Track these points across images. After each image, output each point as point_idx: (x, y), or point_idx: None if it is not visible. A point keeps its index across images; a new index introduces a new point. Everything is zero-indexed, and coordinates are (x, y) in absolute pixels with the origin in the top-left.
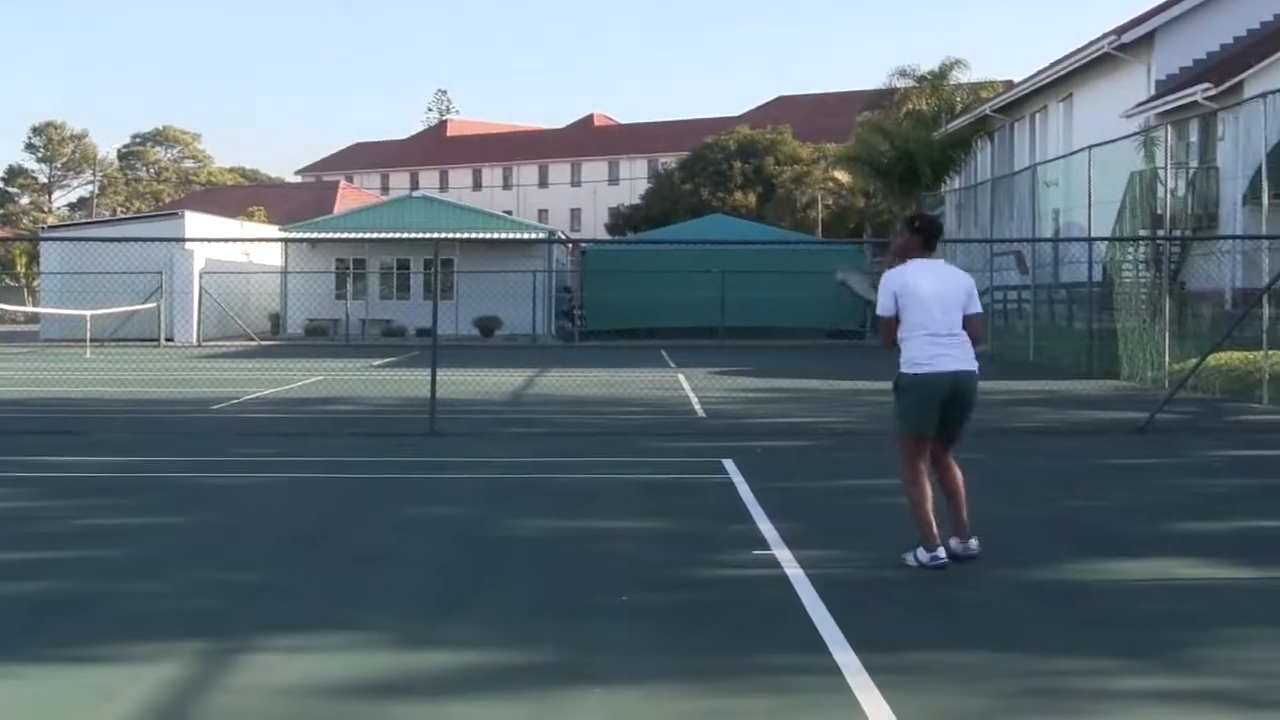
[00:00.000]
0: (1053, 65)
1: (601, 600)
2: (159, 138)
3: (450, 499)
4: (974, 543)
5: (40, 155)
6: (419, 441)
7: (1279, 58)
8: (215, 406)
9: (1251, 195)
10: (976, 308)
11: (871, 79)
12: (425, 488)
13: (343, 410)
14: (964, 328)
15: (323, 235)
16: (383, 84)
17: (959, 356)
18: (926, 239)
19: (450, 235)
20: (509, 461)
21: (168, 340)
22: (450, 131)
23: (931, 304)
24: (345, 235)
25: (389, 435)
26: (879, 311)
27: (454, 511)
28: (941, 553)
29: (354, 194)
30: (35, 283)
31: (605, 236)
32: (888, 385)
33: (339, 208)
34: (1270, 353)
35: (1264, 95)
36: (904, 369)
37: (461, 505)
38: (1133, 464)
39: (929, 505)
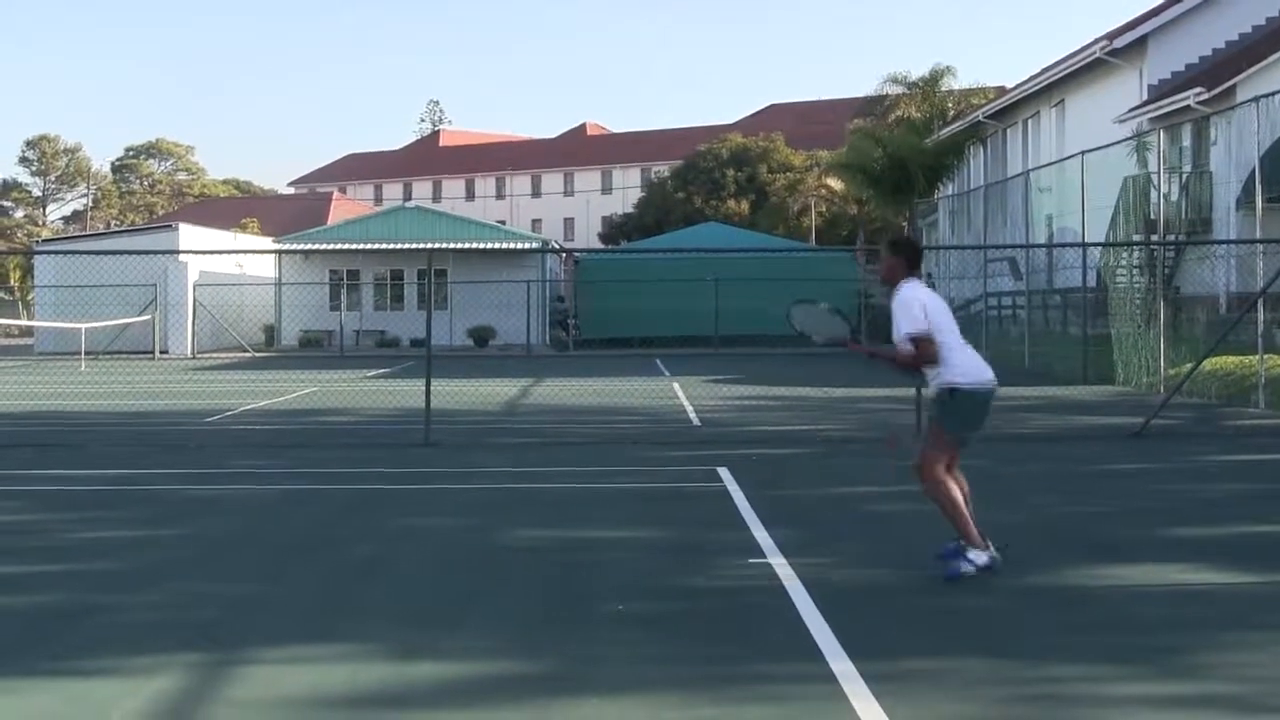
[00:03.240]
0: (1044, 71)
1: (597, 610)
2: (152, 150)
3: (445, 509)
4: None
5: (34, 169)
6: (414, 452)
7: (1272, 61)
8: (210, 419)
9: (1245, 199)
10: None
11: (862, 86)
12: (420, 498)
13: (337, 421)
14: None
15: (316, 246)
16: (375, 94)
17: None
18: (911, 260)
19: (444, 245)
20: (504, 471)
21: (162, 353)
22: (443, 142)
23: (948, 319)
24: (339, 246)
25: (384, 446)
26: (912, 329)
27: (449, 522)
28: (991, 547)
29: (347, 205)
30: (30, 296)
31: (599, 246)
32: (881, 391)
33: (332, 219)
34: (1266, 357)
35: (1257, 99)
36: (961, 380)
37: (457, 516)
38: (1129, 469)
39: (965, 504)
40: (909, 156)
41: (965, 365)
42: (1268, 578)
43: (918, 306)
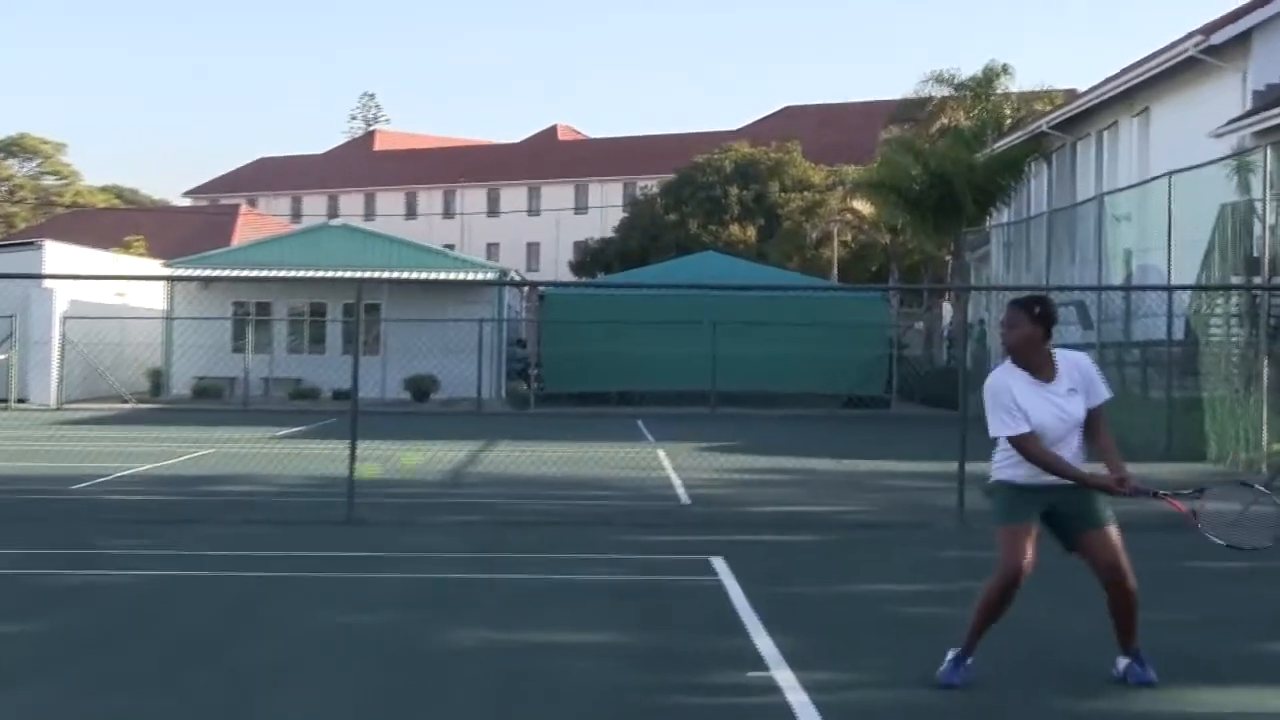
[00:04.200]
0: (1125, 72)
1: None
2: (13, 147)
3: (371, 604)
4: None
5: None
6: (334, 531)
7: None
8: (77, 486)
9: None
10: None
11: (899, 86)
12: (341, 589)
13: (239, 492)
14: None
15: (217, 272)
16: (295, 84)
17: None
18: (1049, 327)
19: (377, 274)
20: (445, 558)
21: (20, 401)
22: (379, 145)
23: None
24: (246, 273)
25: (296, 524)
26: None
27: (375, 619)
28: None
29: (257, 221)
30: None
31: (570, 277)
32: (912, 466)
33: (238, 238)
34: None
35: None
36: None
37: (385, 612)
38: (1220, 567)
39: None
40: (955, 174)
41: None
42: None
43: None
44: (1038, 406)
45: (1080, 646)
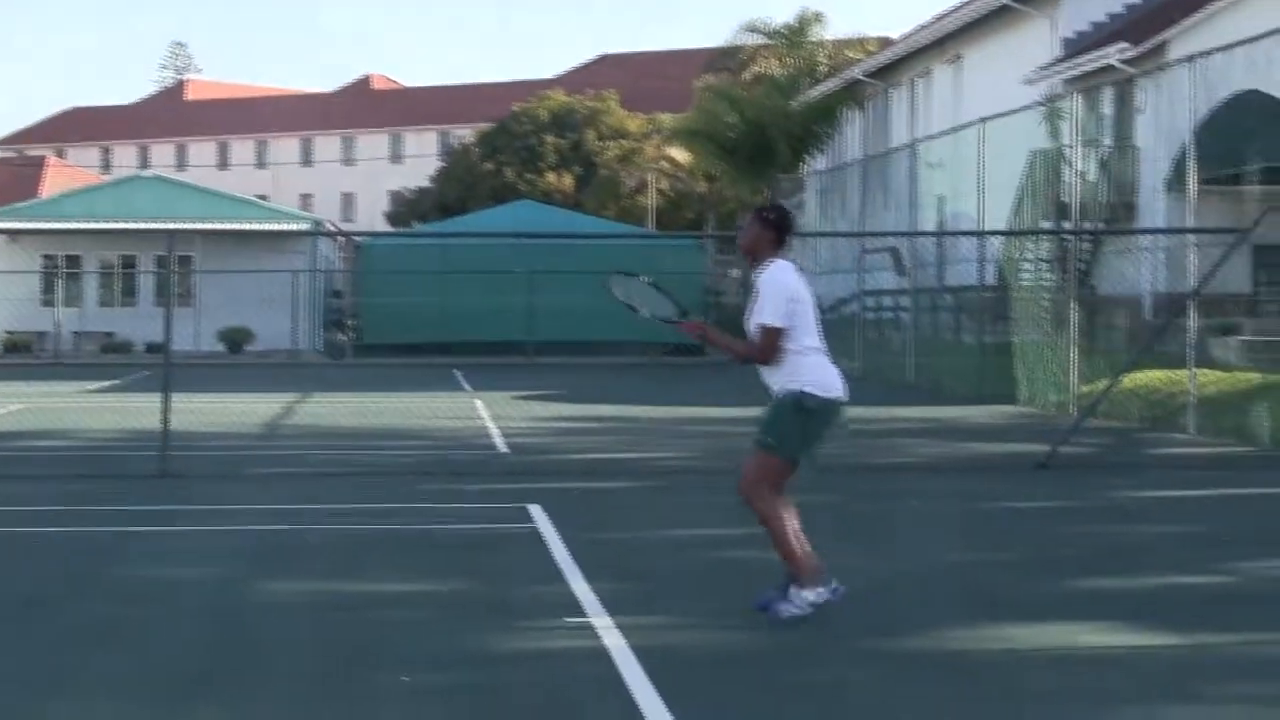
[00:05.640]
0: (938, 19)
1: (377, 681)
2: None
3: (187, 557)
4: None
5: None
6: (147, 485)
7: (1212, 11)
8: None
9: (1176, 180)
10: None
11: (713, 35)
12: (155, 543)
13: (49, 447)
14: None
15: (24, 225)
16: (104, 32)
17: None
18: (780, 234)
19: (188, 225)
20: (261, 510)
21: None
22: (190, 95)
23: (812, 315)
24: (54, 225)
25: (109, 477)
26: (775, 321)
27: (191, 573)
28: (833, 582)
29: (66, 172)
30: None
31: (385, 228)
32: (731, 411)
33: (47, 190)
34: (1197, 371)
35: (1191, 58)
36: (810, 389)
37: (201, 565)
38: (1030, 507)
39: (794, 535)
40: (770, 122)
41: (819, 372)
42: (1194, 639)
43: (786, 296)
44: None
45: (882, 590)
